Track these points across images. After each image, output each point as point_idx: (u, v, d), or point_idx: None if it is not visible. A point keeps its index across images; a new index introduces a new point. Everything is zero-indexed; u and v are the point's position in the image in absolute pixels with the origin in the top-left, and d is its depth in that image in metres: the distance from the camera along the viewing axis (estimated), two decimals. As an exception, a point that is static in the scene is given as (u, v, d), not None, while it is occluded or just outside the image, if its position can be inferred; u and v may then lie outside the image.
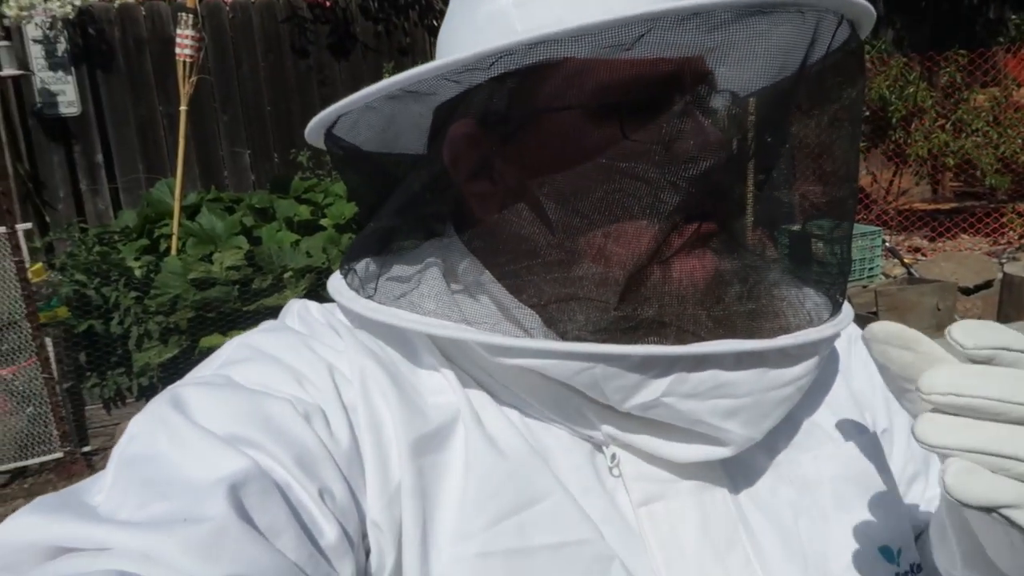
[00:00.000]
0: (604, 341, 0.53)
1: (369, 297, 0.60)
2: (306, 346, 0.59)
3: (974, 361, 0.42)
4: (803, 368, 0.57)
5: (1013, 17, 8.19)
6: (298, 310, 0.65)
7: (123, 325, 3.49)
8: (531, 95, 0.56)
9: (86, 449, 3.72)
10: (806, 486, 0.61)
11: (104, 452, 3.61)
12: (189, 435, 0.49)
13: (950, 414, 0.41)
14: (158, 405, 0.52)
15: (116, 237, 4.16)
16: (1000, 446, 0.40)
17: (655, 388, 0.53)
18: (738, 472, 0.60)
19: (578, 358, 0.53)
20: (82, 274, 3.57)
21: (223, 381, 0.55)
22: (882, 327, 0.47)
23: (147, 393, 3.65)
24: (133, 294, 3.50)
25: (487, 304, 0.58)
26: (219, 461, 0.47)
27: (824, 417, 0.65)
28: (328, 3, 5.42)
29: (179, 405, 0.52)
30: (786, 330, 0.56)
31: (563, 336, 0.55)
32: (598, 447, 0.59)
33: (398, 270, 0.62)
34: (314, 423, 0.53)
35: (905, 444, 0.70)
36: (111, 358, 3.60)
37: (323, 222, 4.15)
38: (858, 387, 0.70)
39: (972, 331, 0.42)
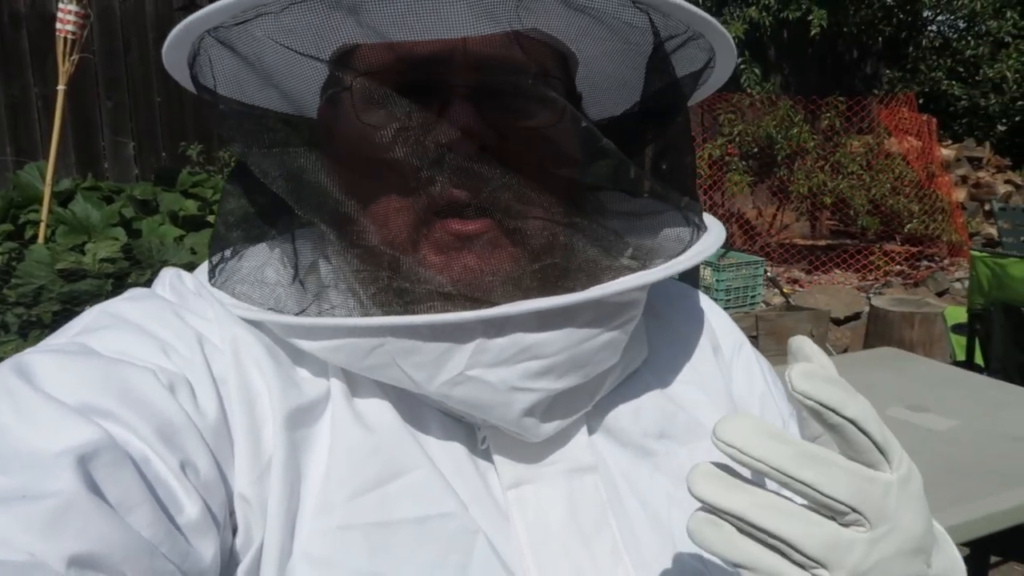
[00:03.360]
0: (387, 315, 0.52)
1: (211, 274, 0.59)
2: (174, 314, 0.55)
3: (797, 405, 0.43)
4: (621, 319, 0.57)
5: (887, 72, 8.89)
6: (170, 278, 0.61)
7: (-24, 316, 3.20)
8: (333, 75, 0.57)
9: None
10: (682, 476, 0.60)
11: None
12: (34, 403, 0.44)
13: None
14: (0, 372, 0.47)
15: (-25, 221, 3.82)
16: (758, 517, 0.41)
17: (457, 361, 0.52)
18: (615, 459, 0.60)
19: (364, 333, 0.52)
20: (-69, 259, 3.25)
21: (78, 348, 0.51)
22: (797, 342, 0.48)
23: None
24: (-10, 283, 3.21)
25: (312, 286, 0.57)
26: (67, 432, 0.43)
27: (704, 412, 0.66)
28: (229, -6, 5.23)
29: (24, 372, 0.47)
30: (585, 286, 0.55)
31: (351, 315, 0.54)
32: (472, 428, 0.58)
33: (252, 251, 0.62)
34: (179, 394, 0.49)
35: None
36: (-40, 352, 3.28)
37: (211, 219, 3.96)
38: (737, 391, 0.71)
39: (808, 379, 0.42)
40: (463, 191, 0.52)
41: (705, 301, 0.77)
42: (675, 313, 0.73)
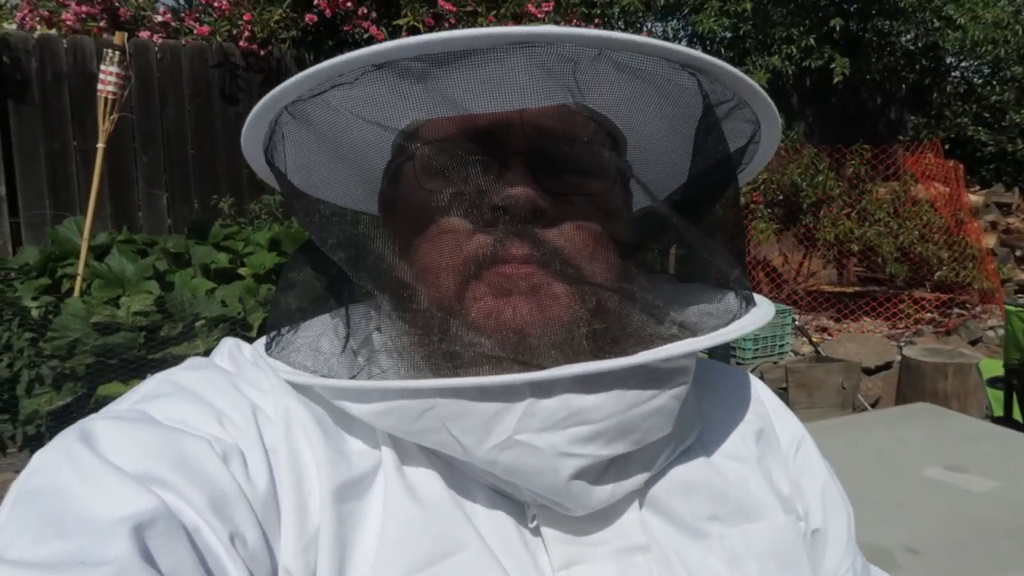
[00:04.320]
0: (437, 377, 0.53)
1: (268, 346, 0.61)
2: (231, 385, 0.57)
3: None
4: (673, 383, 0.58)
5: (912, 119, 8.88)
6: (229, 348, 0.63)
7: (12, 368, 3.25)
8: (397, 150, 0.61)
9: (-44, 503, 3.39)
10: (734, 560, 0.60)
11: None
12: (96, 470, 0.46)
13: None
14: (65, 438, 0.49)
15: (13, 274, 3.91)
16: None
17: (506, 425, 0.52)
18: (668, 539, 0.60)
19: (414, 395, 0.53)
20: (-29, 311, 3.32)
21: (138, 416, 0.52)
22: None
23: (32, 443, 3.38)
24: (27, 335, 3.27)
25: (364, 353, 0.58)
26: (125, 499, 0.44)
27: (759, 492, 0.65)
28: (263, 52, 5.38)
29: (88, 439, 0.49)
30: (633, 351, 0.55)
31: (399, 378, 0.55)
32: (522, 505, 0.58)
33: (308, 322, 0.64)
34: (232, 464, 0.51)
35: (841, 551, 0.71)
36: (-5, 403, 3.33)
37: (242, 271, 4.02)
38: (797, 478, 0.71)
39: None
40: (517, 252, 0.54)
41: (757, 383, 0.78)
42: (726, 389, 0.73)
